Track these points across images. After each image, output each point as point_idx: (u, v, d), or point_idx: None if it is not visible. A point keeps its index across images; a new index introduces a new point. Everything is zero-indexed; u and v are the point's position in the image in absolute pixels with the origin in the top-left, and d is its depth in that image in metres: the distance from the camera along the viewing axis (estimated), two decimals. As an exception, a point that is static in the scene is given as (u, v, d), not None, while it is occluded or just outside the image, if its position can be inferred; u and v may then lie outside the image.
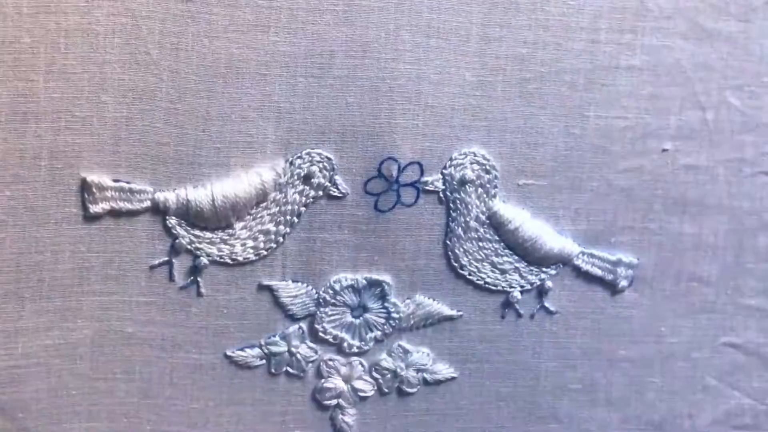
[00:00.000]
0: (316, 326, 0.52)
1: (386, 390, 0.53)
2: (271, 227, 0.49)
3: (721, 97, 0.53)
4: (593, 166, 0.52)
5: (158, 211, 0.48)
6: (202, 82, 0.47)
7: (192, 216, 0.48)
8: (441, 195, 0.52)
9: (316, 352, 0.52)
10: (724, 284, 0.56)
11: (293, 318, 0.51)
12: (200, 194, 0.48)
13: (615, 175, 0.53)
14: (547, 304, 0.54)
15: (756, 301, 0.56)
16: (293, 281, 0.51)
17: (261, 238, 0.49)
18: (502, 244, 0.53)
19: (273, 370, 0.52)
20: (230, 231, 0.49)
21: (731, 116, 0.53)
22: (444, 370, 0.54)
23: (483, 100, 0.51)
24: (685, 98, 0.53)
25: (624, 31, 0.51)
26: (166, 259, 0.49)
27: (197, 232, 0.49)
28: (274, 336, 0.51)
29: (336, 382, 0.53)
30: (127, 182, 0.47)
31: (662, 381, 0.56)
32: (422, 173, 0.51)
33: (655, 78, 0.52)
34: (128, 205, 0.48)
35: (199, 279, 0.49)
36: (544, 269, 0.54)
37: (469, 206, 0.52)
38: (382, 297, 0.52)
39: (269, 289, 0.50)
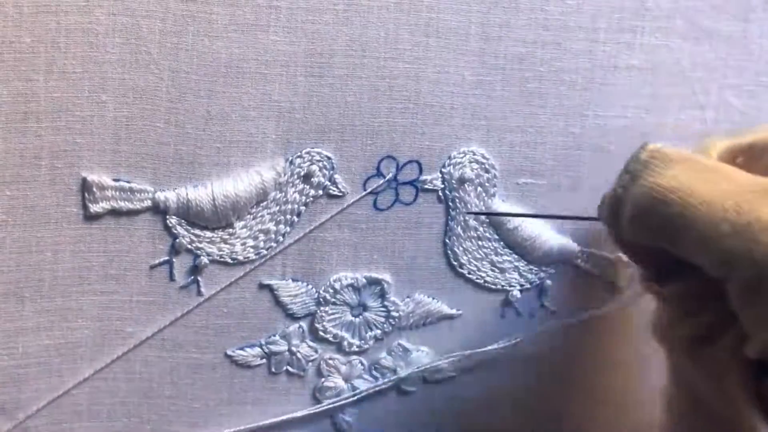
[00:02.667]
0: (317, 325, 0.52)
1: (386, 389, 0.53)
2: (272, 226, 0.50)
3: (720, 96, 0.53)
4: (592, 165, 0.53)
5: (159, 210, 0.48)
6: (202, 81, 0.47)
7: (192, 215, 0.48)
8: (440, 193, 0.52)
9: (316, 351, 0.52)
10: (723, 283, 0.56)
11: (293, 317, 0.51)
12: (201, 193, 0.48)
13: (614, 175, 0.53)
14: (546, 303, 0.54)
15: (754, 299, 0.56)
16: (293, 280, 0.51)
17: (261, 237, 0.50)
18: (501, 242, 0.53)
19: (273, 370, 0.52)
20: (230, 230, 0.49)
21: (730, 116, 0.53)
22: (443, 369, 0.54)
23: (482, 99, 0.51)
24: (684, 97, 0.53)
25: (623, 31, 0.51)
26: (167, 258, 0.49)
27: (197, 232, 0.49)
28: (275, 335, 0.51)
29: (336, 381, 0.53)
30: (128, 182, 0.47)
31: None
32: (421, 172, 0.51)
33: (653, 77, 0.52)
34: (129, 205, 0.47)
35: (199, 278, 0.49)
36: (543, 268, 0.54)
37: (468, 205, 0.52)
38: (382, 295, 0.52)
39: (269, 288, 0.50)
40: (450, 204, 0.52)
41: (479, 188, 0.52)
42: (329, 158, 0.49)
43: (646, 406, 0.56)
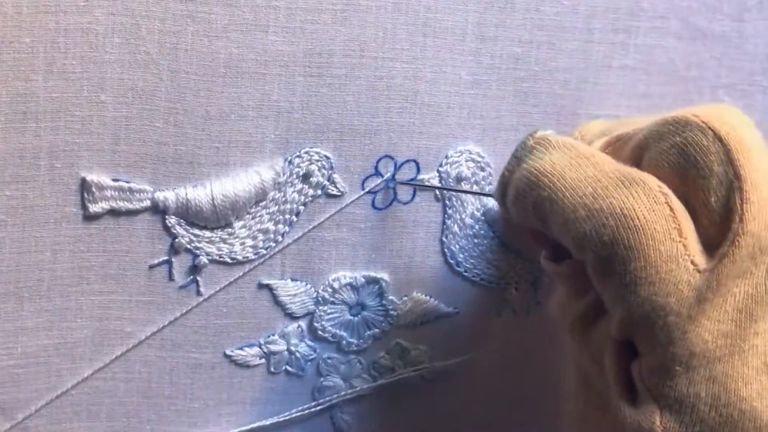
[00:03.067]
0: (315, 324, 0.52)
1: (384, 388, 0.54)
2: (270, 226, 0.50)
3: (714, 95, 0.54)
4: (587, 163, 0.53)
5: (158, 210, 0.48)
6: (201, 81, 0.47)
7: (192, 215, 0.48)
8: (437, 192, 0.52)
9: (315, 351, 0.52)
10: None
11: (292, 316, 0.51)
12: (200, 193, 0.48)
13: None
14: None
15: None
16: (292, 280, 0.51)
17: (260, 237, 0.50)
18: (497, 240, 0.53)
19: (272, 369, 0.52)
20: (230, 230, 0.49)
21: (724, 115, 0.54)
22: (441, 367, 0.54)
23: (478, 98, 0.51)
24: (677, 97, 0.53)
25: (618, 31, 0.52)
26: (166, 258, 0.49)
27: (197, 231, 0.49)
28: (274, 335, 0.51)
29: (335, 381, 0.53)
30: (127, 182, 0.47)
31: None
32: (418, 171, 0.51)
33: (647, 77, 0.53)
34: (128, 205, 0.47)
35: (198, 278, 0.49)
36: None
37: (465, 203, 0.52)
38: (380, 294, 0.52)
39: (268, 287, 0.50)
40: (447, 203, 0.52)
41: (475, 186, 0.52)
42: (328, 158, 0.49)
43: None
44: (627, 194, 0.40)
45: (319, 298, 0.51)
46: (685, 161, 0.40)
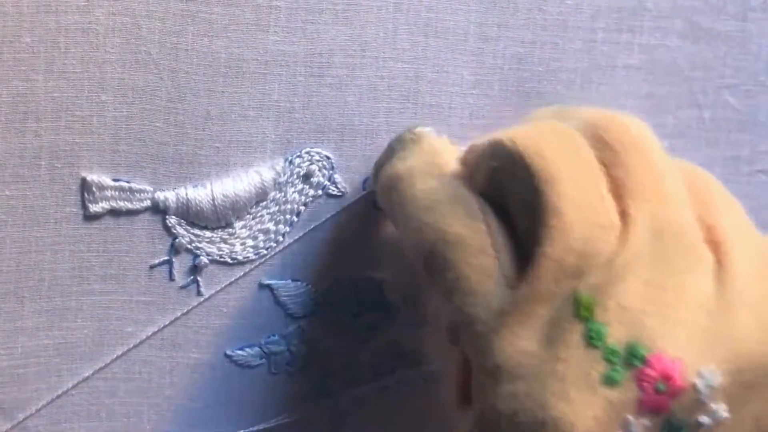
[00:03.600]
0: (315, 325, 0.52)
1: (385, 388, 0.54)
2: (271, 226, 0.50)
3: (718, 95, 0.53)
4: (590, 164, 0.53)
5: (158, 210, 0.48)
6: (201, 81, 0.47)
7: (192, 215, 0.48)
8: (437, 192, 0.52)
9: (315, 351, 0.52)
10: (720, 282, 0.56)
11: (293, 317, 0.51)
12: (200, 193, 0.48)
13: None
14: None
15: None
16: (293, 280, 0.51)
17: (261, 237, 0.50)
18: (498, 240, 0.53)
19: (273, 370, 0.52)
20: (230, 230, 0.49)
21: (728, 115, 0.54)
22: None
23: (480, 98, 0.51)
24: (681, 97, 0.53)
25: (622, 31, 0.52)
26: (166, 258, 0.49)
27: (197, 231, 0.49)
28: (274, 335, 0.51)
29: (335, 381, 0.53)
30: (127, 181, 0.47)
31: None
32: (416, 170, 0.51)
33: (651, 77, 0.53)
34: (128, 205, 0.47)
35: (199, 278, 0.49)
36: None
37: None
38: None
39: (269, 288, 0.50)
40: (448, 203, 0.52)
41: (477, 187, 0.52)
42: (329, 158, 0.49)
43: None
44: (449, 210, 0.41)
45: (320, 299, 0.51)
46: (499, 184, 0.42)
